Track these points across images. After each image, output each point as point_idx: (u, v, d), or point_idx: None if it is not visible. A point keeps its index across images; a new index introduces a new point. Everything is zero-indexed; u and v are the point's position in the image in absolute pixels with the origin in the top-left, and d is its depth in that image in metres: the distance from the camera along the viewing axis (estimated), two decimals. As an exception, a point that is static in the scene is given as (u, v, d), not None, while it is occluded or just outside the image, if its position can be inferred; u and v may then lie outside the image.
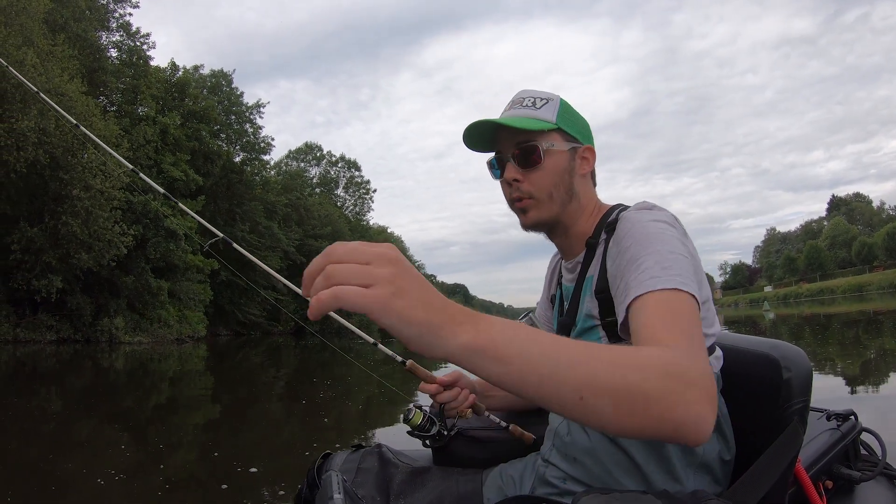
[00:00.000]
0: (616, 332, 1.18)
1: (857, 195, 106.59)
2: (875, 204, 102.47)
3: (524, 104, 1.36)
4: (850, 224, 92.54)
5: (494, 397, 1.61)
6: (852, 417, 1.64)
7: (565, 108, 1.36)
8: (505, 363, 0.74)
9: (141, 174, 2.43)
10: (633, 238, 1.17)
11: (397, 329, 0.70)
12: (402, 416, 1.52)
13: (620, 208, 1.33)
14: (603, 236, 1.31)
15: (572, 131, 1.36)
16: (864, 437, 1.68)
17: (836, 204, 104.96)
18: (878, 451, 1.66)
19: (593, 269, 1.31)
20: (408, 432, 1.53)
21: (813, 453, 1.52)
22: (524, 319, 1.52)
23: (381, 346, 1.70)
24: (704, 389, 0.83)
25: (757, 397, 1.31)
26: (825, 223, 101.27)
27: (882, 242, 73.33)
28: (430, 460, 1.65)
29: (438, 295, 0.75)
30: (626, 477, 1.22)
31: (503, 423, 1.60)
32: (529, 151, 1.32)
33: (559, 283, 1.50)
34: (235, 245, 2.20)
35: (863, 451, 1.66)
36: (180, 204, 2.39)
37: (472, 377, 1.51)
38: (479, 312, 0.77)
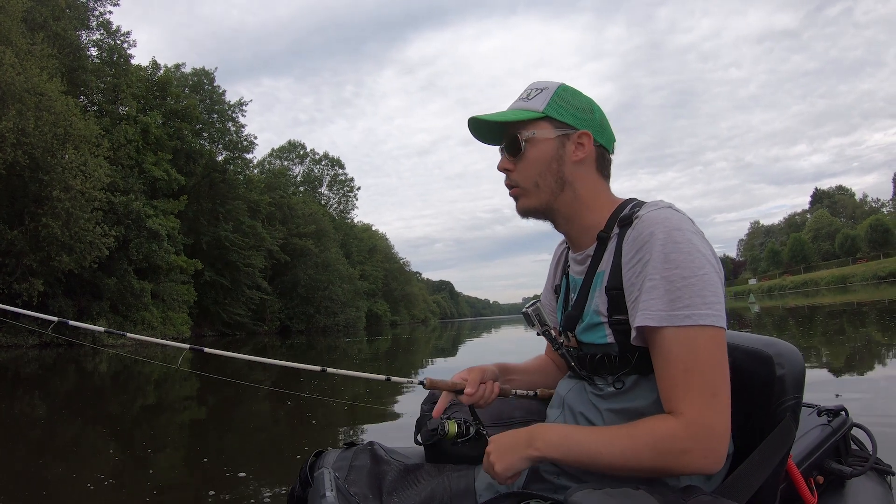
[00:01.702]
0: (621, 329, 1.24)
1: (840, 188, 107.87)
2: (858, 196, 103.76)
3: (521, 97, 1.40)
4: (833, 216, 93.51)
5: (514, 380, 1.64)
6: (843, 413, 1.65)
7: (561, 95, 1.36)
8: (554, 461, 1.24)
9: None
10: (653, 250, 1.17)
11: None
12: (437, 431, 1.51)
13: (634, 203, 1.32)
14: (616, 231, 1.30)
15: (564, 118, 1.34)
16: (855, 432, 1.69)
17: (818, 197, 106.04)
18: (869, 446, 1.67)
19: (605, 265, 1.30)
20: (451, 445, 1.53)
21: (804, 449, 1.53)
22: (530, 308, 1.51)
23: (394, 378, 1.70)
24: (701, 450, 1.11)
25: (750, 393, 1.32)
26: (808, 216, 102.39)
27: (865, 234, 74.26)
28: (422, 457, 1.64)
29: (510, 442, 1.24)
30: None
31: (531, 392, 1.65)
32: (512, 141, 1.36)
33: (564, 273, 1.49)
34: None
35: (853, 447, 1.67)
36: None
37: (490, 364, 1.59)
38: (536, 429, 1.25)
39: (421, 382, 1.54)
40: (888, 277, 49.71)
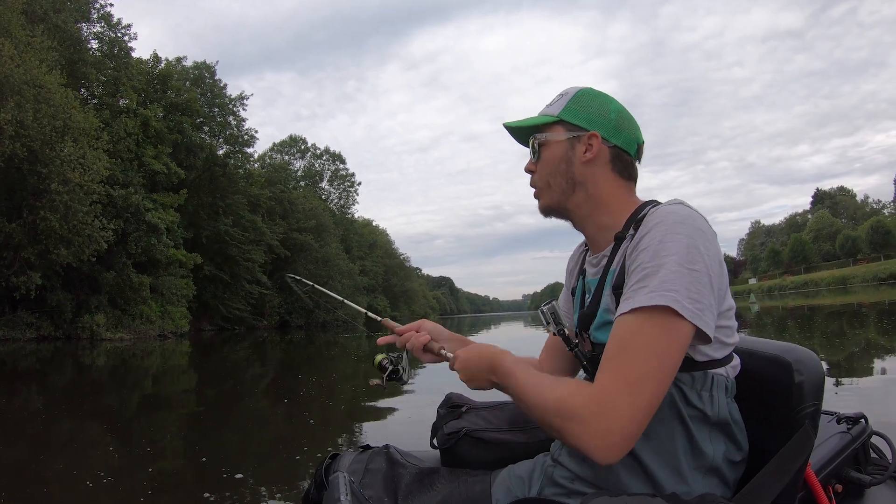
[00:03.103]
0: None
1: (841, 189, 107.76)
2: (859, 198, 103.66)
3: (548, 103, 1.46)
4: (834, 217, 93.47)
5: None
6: (863, 420, 1.62)
7: (577, 99, 1.40)
8: (504, 392, 1.29)
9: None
10: (652, 240, 1.17)
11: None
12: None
13: (652, 205, 1.32)
14: (630, 232, 1.30)
15: (577, 120, 1.38)
16: (875, 440, 1.66)
17: (820, 197, 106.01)
18: (889, 455, 1.64)
19: (616, 264, 1.31)
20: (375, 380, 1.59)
21: (823, 457, 1.51)
22: (546, 308, 1.56)
23: (347, 302, 1.96)
24: (594, 426, 1.08)
25: (769, 400, 1.31)
26: (809, 216, 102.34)
27: (866, 236, 74.27)
28: (438, 461, 1.66)
29: (475, 365, 1.33)
30: (633, 477, 1.23)
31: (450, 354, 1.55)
32: (531, 145, 1.44)
33: (580, 276, 1.51)
34: (320, 287, 2.27)
35: (873, 455, 1.65)
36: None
37: (450, 331, 1.66)
38: (495, 357, 1.31)
39: (379, 319, 1.76)
40: (888, 279, 49.74)
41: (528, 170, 1.47)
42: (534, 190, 1.47)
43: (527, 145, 1.49)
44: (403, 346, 1.59)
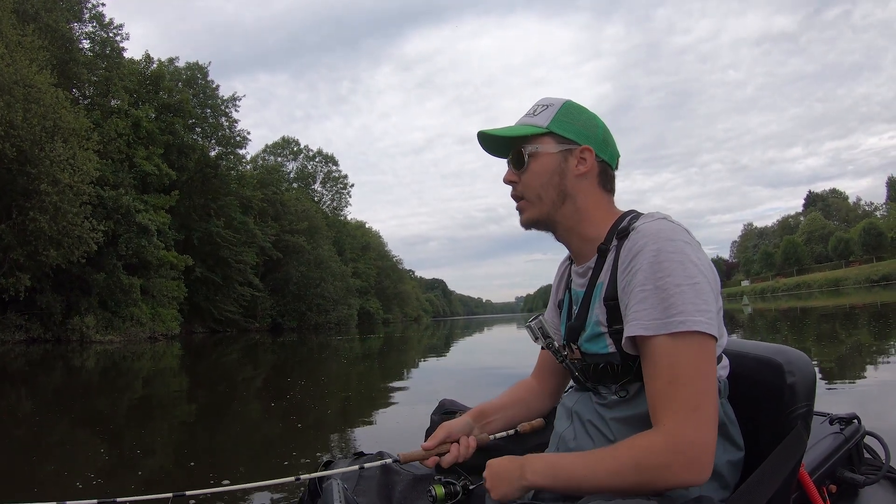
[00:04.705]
0: (620, 338, 1.25)
1: (834, 191, 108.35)
2: (851, 200, 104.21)
3: (528, 112, 1.45)
4: (826, 219, 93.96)
5: (493, 421, 1.61)
6: (856, 421, 1.63)
7: (565, 112, 1.40)
8: (546, 488, 1.24)
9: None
10: (644, 260, 1.20)
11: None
12: (429, 497, 1.43)
13: (633, 216, 1.36)
14: (614, 243, 1.33)
15: (568, 133, 1.39)
16: (868, 440, 1.67)
17: (812, 200, 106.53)
18: (882, 455, 1.64)
19: (604, 276, 1.33)
20: None
21: (816, 457, 1.51)
22: (533, 323, 1.54)
23: (366, 465, 1.52)
24: (682, 463, 1.11)
25: (761, 401, 1.31)
26: (802, 219, 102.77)
27: (858, 238, 74.76)
28: (432, 468, 1.61)
29: (504, 471, 1.25)
30: None
31: (510, 431, 1.61)
32: (517, 155, 1.42)
33: (567, 288, 1.52)
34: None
35: (866, 455, 1.65)
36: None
37: (464, 415, 1.59)
38: (526, 459, 1.26)
39: (395, 460, 1.46)
40: (881, 281, 50.02)
41: (509, 180, 1.45)
42: (518, 202, 1.44)
43: (499, 155, 1.48)
44: (452, 462, 1.46)
